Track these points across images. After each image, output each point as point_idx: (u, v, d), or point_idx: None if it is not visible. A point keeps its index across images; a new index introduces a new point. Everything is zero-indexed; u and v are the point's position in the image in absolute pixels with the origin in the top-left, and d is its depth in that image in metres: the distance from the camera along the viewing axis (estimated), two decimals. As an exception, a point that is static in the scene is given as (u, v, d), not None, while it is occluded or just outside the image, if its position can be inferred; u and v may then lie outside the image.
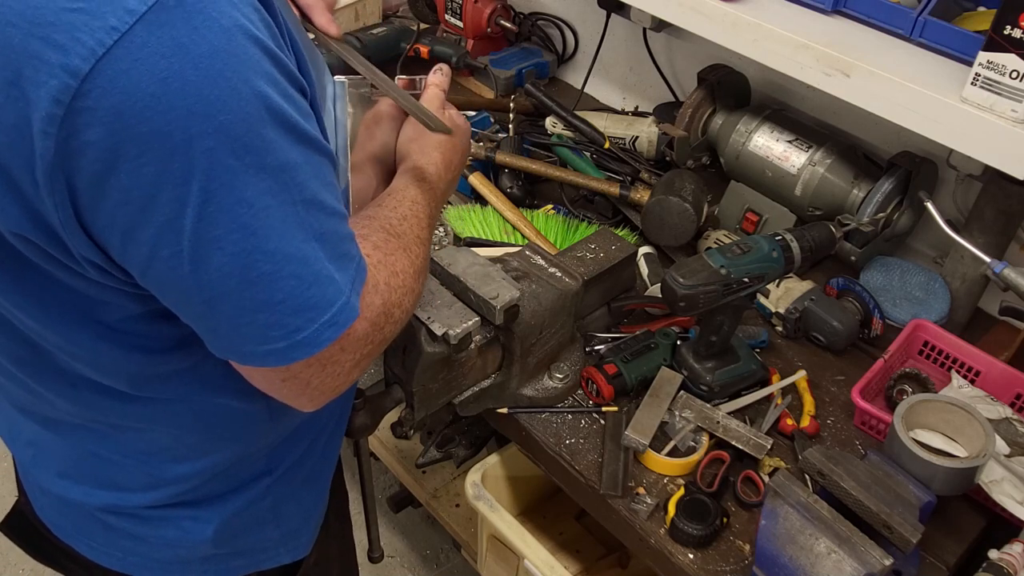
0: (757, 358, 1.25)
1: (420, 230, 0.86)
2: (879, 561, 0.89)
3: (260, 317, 0.64)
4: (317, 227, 0.66)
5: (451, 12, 1.92)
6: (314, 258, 0.65)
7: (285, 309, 0.65)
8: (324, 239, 0.66)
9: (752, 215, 1.48)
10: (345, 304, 0.68)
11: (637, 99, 1.85)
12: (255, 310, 0.64)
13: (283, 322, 0.65)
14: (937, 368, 1.27)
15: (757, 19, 1.19)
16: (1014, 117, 0.99)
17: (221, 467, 0.86)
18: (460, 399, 1.16)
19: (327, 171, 0.68)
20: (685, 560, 1.05)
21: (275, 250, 0.63)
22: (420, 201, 0.88)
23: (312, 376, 0.71)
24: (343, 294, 0.68)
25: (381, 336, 0.76)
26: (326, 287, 0.66)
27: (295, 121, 0.62)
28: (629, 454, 1.15)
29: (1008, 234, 1.27)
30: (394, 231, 0.82)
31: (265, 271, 0.63)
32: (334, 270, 0.67)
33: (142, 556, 0.91)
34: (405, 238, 0.82)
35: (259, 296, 0.63)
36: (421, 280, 0.83)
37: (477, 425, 1.76)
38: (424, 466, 1.79)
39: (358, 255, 0.72)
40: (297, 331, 0.66)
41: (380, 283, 0.75)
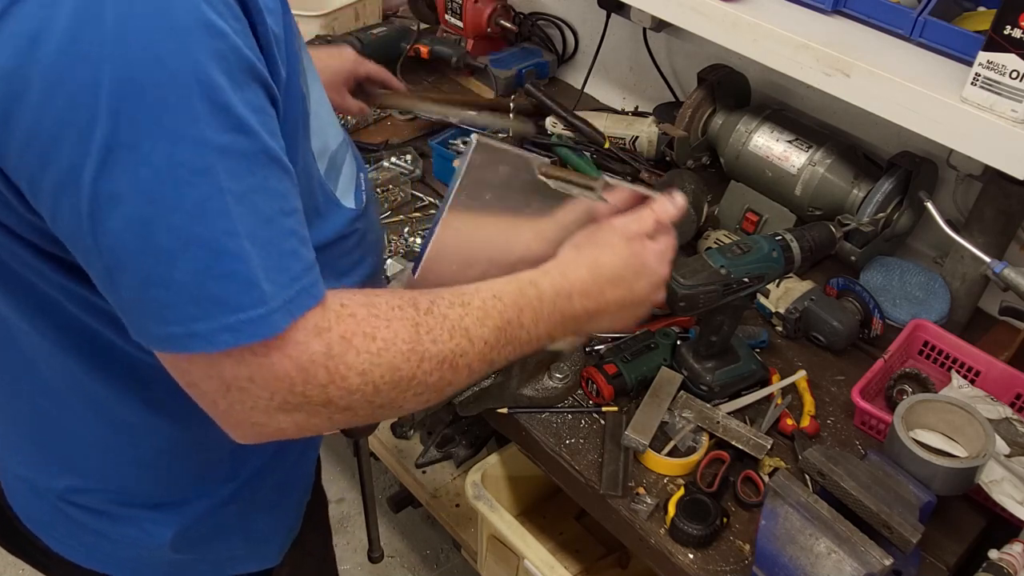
0: (757, 358, 1.25)
1: (479, 326, 0.72)
2: (879, 561, 0.89)
3: (158, 294, 0.60)
4: (250, 226, 0.60)
5: (451, 12, 1.92)
6: (232, 253, 0.60)
7: (185, 293, 0.60)
8: (258, 242, 0.61)
9: (752, 215, 1.48)
10: (261, 318, 0.61)
11: (637, 99, 1.85)
12: (153, 284, 0.60)
13: (181, 306, 0.60)
14: (937, 368, 1.27)
15: (757, 19, 1.19)
16: (1014, 117, 0.99)
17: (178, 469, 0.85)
18: (460, 399, 1.16)
19: (280, 184, 0.63)
20: (685, 560, 1.05)
21: (182, 227, 0.58)
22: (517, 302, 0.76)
23: (216, 394, 0.64)
24: (263, 304, 0.61)
25: (318, 392, 0.65)
26: (240, 290, 0.61)
27: (239, 113, 0.59)
28: (629, 454, 1.15)
29: (1008, 234, 1.27)
30: (425, 307, 0.71)
31: (166, 245, 0.58)
32: (263, 279, 0.61)
33: (106, 553, 0.90)
34: (436, 318, 0.70)
35: (157, 270, 0.59)
36: (428, 368, 0.69)
37: (477, 425, 1.76)
38: (424, 466, 1.79)
39: (308, 282, 0.64)
40: (194, 320, 0.61)
41: (335, 333, 0.65)
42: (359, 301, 0.68)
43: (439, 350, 0.69)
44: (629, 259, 0.83)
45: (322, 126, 0.84)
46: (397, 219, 1.51)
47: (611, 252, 0.83)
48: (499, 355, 0.75)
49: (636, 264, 0.84)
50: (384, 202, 1.53)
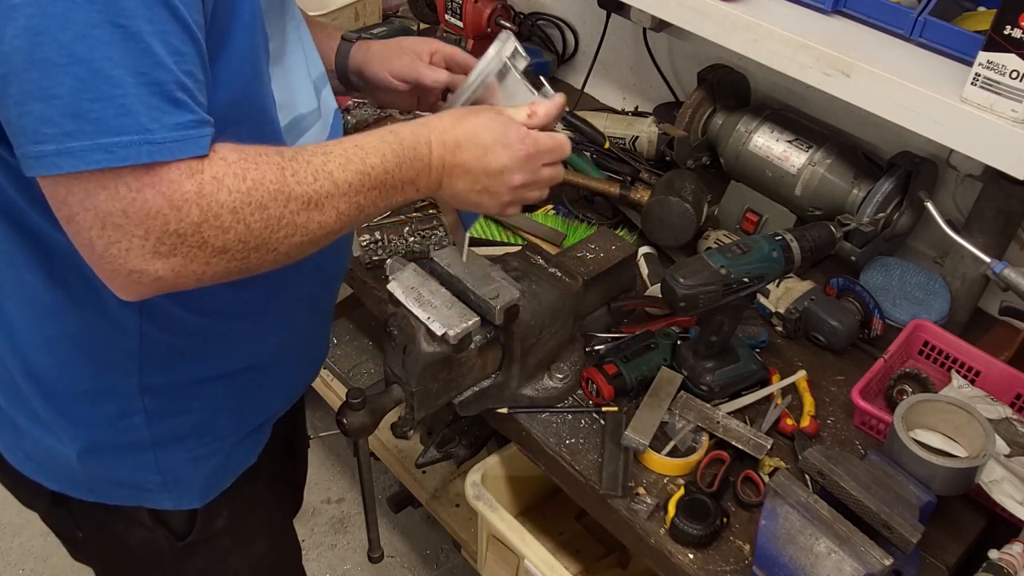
0: (757, 358, 1.25)
1: (342, 170, 0.76)
2: (879, 561, 0.89)
3: (37, 107, 0.62)
4: (137, 63, 0.63)
5: (451, 12, 1.92)
6: (114, 80, 0.63)
7: (62, 107, 0.62)
8: (143, 80, 0.64)
9: (752, 215, 1.48)
10: (135, 143, 0.64)
11: (637, 99, 1.85)
12: (34, 96, 0.62)
13: (57, 120, 0.62)
14: (937, 368, 1.27)
15: (757, 19, 1.19)
16: (1014, 117, 0.99)
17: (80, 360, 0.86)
18: (460, 399, 1.16)
19: (182, 44, 0.66)
20: (685, 560, 1.05)
21: (69, 43, 0.61)
22: (377, 148, 0.80)
23: (92, 230, 0.66)
24: (138, 133, 0.64)
25: (192, 231, 0.67)
26: (118, 114, 0.63)
27: None
28: (629, 454, 1.15)
29: (1008, 234, 1.27)
30: (290, 153, 0.75)
31: (50, 57, 0.61)
32: (141, 110, 0.64)
33: (38, 462, 0.93)
34: (300, 163, 0.74)
35: (39, 82, 0.62)
36: (295, 208, 0.72)
37: (477, 425, 1.75)
38: (424, 466, 1.78)
39: (197, 135, 0.67)
40: (69, 136, 0.63)
41: (207, 174, 0.68)
42: (230, 147, 0.70)
43: (304, 191, 0.73)
44: (491, 125, 0.86)
45: (290, 84, 0.87)
46: (397, 219, 1.51)
47: (476, 114, 0.88)
48: (367, 199, 0.78)
49: (497, 131, 0.86)
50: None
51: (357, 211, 0.78)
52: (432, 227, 1.46)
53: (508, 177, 0.87)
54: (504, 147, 0.86)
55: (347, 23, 1.96)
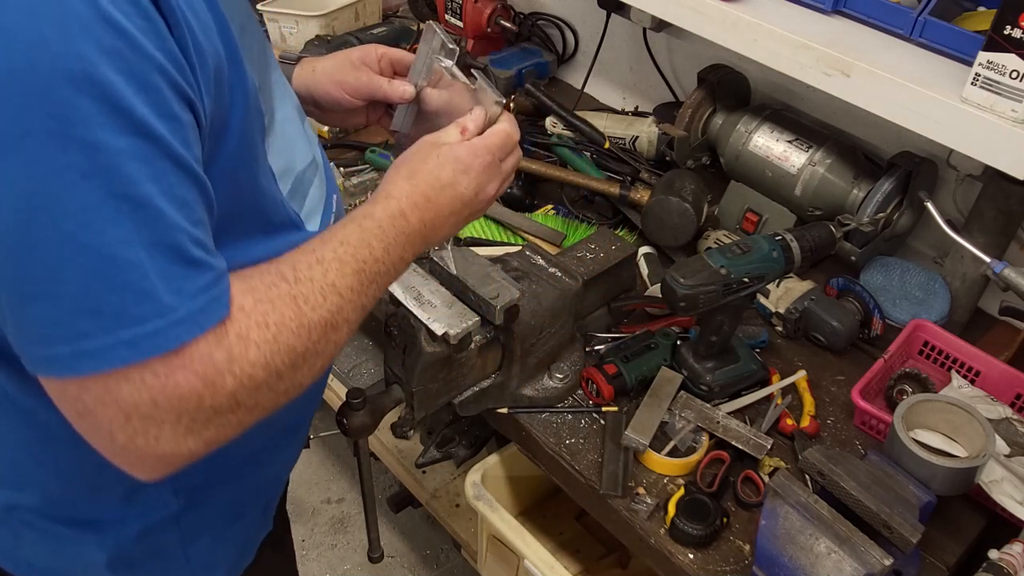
0: (757, 358, 1.25)
1: (342, 276, 0.72)
2: (879, 561, 0.89)
3: (41, 308, 0.56)
4: (149, 234, 0.57)
5: (451, 12, 1.92)
6: (129, 263, 0.56)
7: (72, 306, 0.55)
8: (158, 251, 0.57)
9: (752, 215, 1.48)
10: (161, 330, 0.57)
11: (637, 99, 1.85)
12: (35, 297, 0.56)
13: (68, 320, 0.56)
14: (937, 368, 1.27)
15: (757, 19, 1.19)
16: (1014, 117, 0.99)
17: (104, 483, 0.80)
18: (460, 399, 1.16)
19: (187, 192, 0.60)
20: (685, 560, 1.05)
21: (72, 232, 0.54)
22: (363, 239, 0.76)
23: (115, 424, 0.59)
24: (162, 316, 0.57)
25: (227, 400, 0.62)
26: (138, 300, 0.56)
27: (140, 115, 0.55)
28: (629, 454, 1.15)
29: (1008, 234, 1.27)
30: (292, 276, 0.69)
31: (50, 255, 0.54)
32: (163, 290, 0.57)
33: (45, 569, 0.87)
34: (305, 284, 0.69)
35: (41, 280, 0.55)
36: (317, 337, 0.69)
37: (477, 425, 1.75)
38: (424, 466, 1.78)
39: (217, 292, 0.61)
40: (85, 336, 0.56)
41: (232, 334, 0.62)
42: (240, 289, 0.65)
43: (320, 316, 0.69)
44: (442, 161, 0.84)
45: (287, 144, 0.83)
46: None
47: (422, 160, 0.85)
48: (367, 296, 0.76)
49: (450, 163, 0.85)
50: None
51: (362, 312, 0.76)
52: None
53: (483, 194, 0.87)
54: (464, 172, 0.85)
55: (347, 23, 1.96)
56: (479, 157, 0.86)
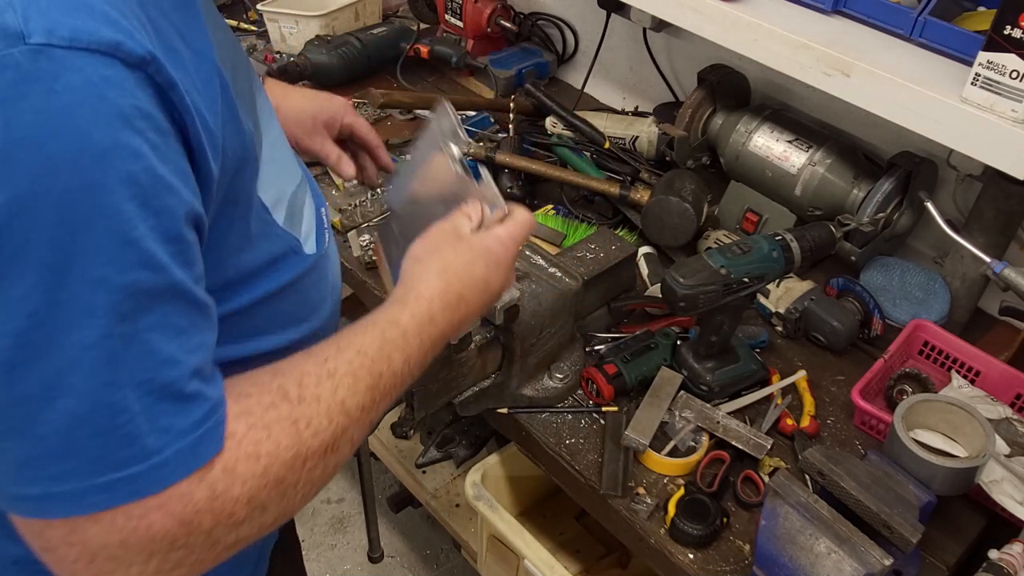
0: (757, 358, 1.25)
1: (353, 394, 0.66)
2: (879, 561, 0.89)
3: (15, 445, 0.52)
4: (139, 372, 0.53)
5: (451, 12, 1.92)
6: (116, 406, 0.52)
7: (48, 448, 0.51)
8: (145, 390, 0.53)
9: (752, 215, 1.48)
10: (141, 475, 0.53)
11: (637, 99, 1.85)
12: (10, 433, 0.52)
13: (42, 462, 0.52)
14: (937, 368, 1.27)
15: (757, 19, 1.19)
16: (1014, 117, 0.99)
17: None
18: (460, 399, 1.16)
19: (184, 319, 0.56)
20: (685, 560, 1.05)
21: (56, 373, 0.51)
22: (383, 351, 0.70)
23: (79, 563, 0.55)
24: (145, 460, 0.53)
25: (202, 540, 0.57)
26: (120, 444, 0.52)
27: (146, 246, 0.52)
28: (629, 454, 1.15)
29: (1008, 234, 1.27)
30: (296, 395, 0.63)
31: (31, 393, 0.51)
32: (147, 431, 0.53)
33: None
34: (310, 405, 0.63)
35: (17, 418, 0.51)
36: (312, 465, 0.62)
37: (477, 425, 1.76)
38: (424, 466, 1.79)
39: (210, 426, 0.56)
40: (56, 480, 0.52)
41: (217, 468, 0.57)
42: (235, 412, 0.59)
43: (320, 441, 0.63)
44: (476, 255, 0.80)
45: (278, 172, 0.80)
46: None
47: (453, 252, 0.80)
48: (378, 412, 0.70)
49: (483, 256, 0.80)
50: (384, 202, 1.53)
51: (369, 427, 0.70)
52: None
53: (502, 288, 0.84)
54: (496, 267, 0.81)
55: (347, 23, 1.96)
56: (508, 250, 0.82)
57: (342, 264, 1.43)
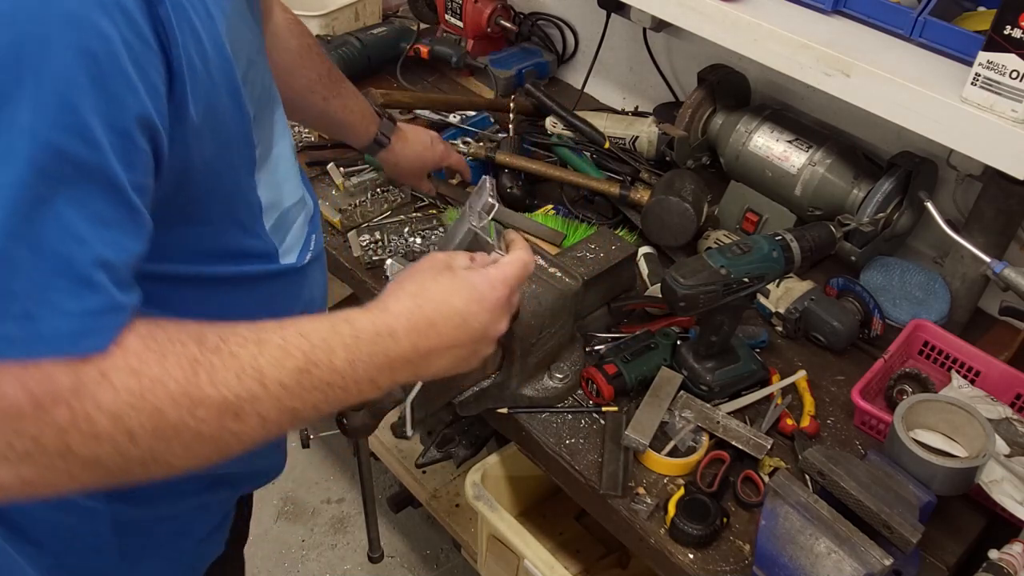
0: (757, 358, 1.25)
1: (276, 367, 0.62)
2: (879, 561, 0.89)
3: None
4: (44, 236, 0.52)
5: (451, 12, 1.92)
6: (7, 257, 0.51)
7: None
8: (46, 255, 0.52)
9: (752, 215, 1.48)
10: (8, 336, 0.52)
11: (637, 99, 1.85)
12: None
13: None
14: (937, 368, 1.27)
15: (757, 19, 1.19)
16: (1014, 117, 0.99)
17: None
18: (460, 399, 1.16)
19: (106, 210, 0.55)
20: (685, 560, 1.05)
21: None
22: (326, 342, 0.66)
23: None
24: (14, 321, 0.52)
25: (54, 437, 0.54)
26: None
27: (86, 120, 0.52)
28: (629, 454, 1.15)
29: (1008, 234, 1.27)
30: (213, 344, 0.61)
31: None
32: (30, 293, 0.52)
33: None
34: (223, 357, 0.60)
35: None
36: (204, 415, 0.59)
37: (477, 425, 1.75)
38: (424, 466, 1.78)
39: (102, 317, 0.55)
40: None
41: (92, 366, 0.55)
42: (140, 332, 0.58)
43: (220, 395, 0.59)
44: (458, 286, 0.76)
45: (278, 181, 0.80)
46: (397, 219, 1.51)
47: (433, 279, 0.76)
48: (303, 403, 0.65)
49: (466, 290, 0.76)
50: (384, 202, 1.53)
51: (291, 418, 0.65)
52: (432, 227, 1.46)
53: (492, 330, 0.78)
54: (479, 303, 0.76)
55: (347, 23, 1.96)
56: (496, 290, 0.78)
57: (342, 264, 1.43)
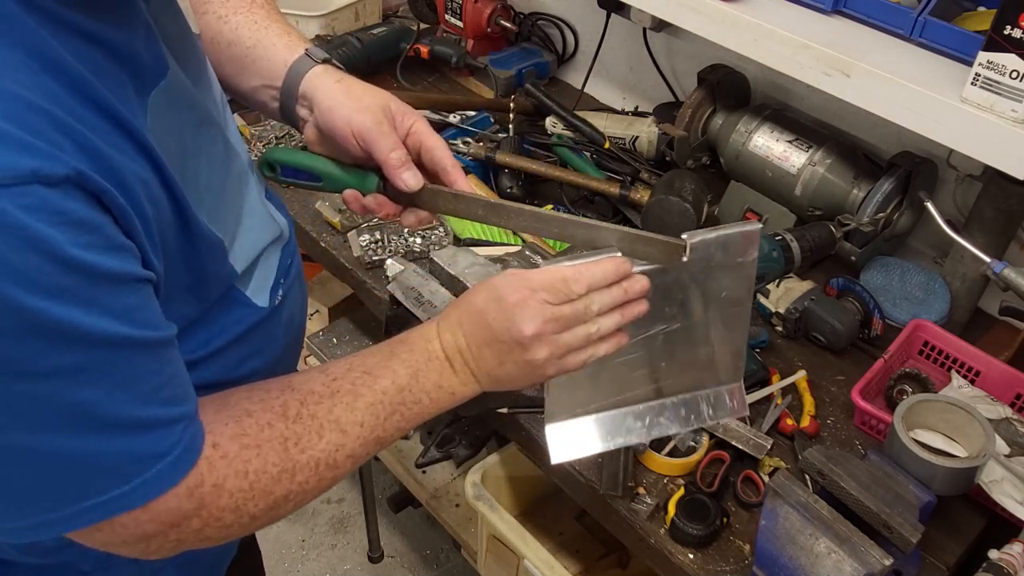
0: (757, 358, 1.25)
1: (350, 411, 0.71)
2: (879, 561, 0.89)
3: (15, 496, 0.59)
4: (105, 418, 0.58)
5: (451, 12, 1.92)
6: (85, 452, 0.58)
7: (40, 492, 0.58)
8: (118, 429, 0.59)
9: (752, 215, 1.48)
10: (125, 495, 0.60)
11: (637, 99, 1.85)
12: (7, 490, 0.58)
13: (38, 502, 0.59)
14: (937, 368, 1.27)
15: (757, 19, 1.19)
16: (1014, 117, 0.99)
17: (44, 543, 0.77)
18: (460, 399, 1.15)
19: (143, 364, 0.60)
20: (685, 560, 1.05)
21: (28, 447, 0.56)
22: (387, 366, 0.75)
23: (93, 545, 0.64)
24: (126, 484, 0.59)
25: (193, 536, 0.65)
26: (98, 476, 0.59)
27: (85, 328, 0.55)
28: (629, 454, 1.14)
29: (1008, 234, 1.27)
30: (295, 413, 0.69)
31: (16, 461, 0.57)
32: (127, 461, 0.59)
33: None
34: (305, 422, 0.69)
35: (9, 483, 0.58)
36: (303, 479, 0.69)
37: (477, 425, 1.75)
38: (424, 466, 1.78)
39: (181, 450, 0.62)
40: (51, 509, 0.59)
41: (208, 485, 0.64)
42: (230, 433, 0.66)
43: (310, 457, 0.69)
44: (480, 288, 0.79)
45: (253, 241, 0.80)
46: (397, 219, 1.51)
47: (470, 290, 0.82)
48: (384, 430, 0.73)
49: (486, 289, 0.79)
50: None
51: (377, 445, 0.74)
52: (432, 227, 1.46)
53: (514, 330, 0.77)
54: (496, 302, 0.77)
55: (347, 23, 1.96)
56: (512, 290, 0.77)
57: (342, 264, 1.43)
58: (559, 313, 0.77)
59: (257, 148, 1.60)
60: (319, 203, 1.51)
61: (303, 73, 0.86)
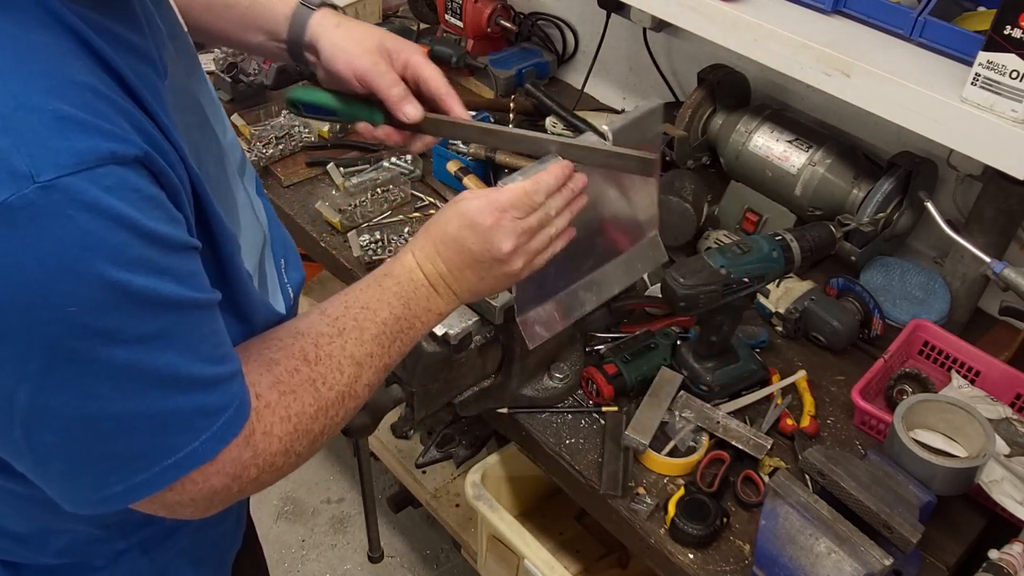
0: (757, 358, 1.25)
1: (360, 345, 0.78)
2: (879, 561, 0.89)
3: (100, 465, 0.63)
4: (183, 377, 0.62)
5: (451, 12, 1.92)
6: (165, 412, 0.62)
7: (126, 456, 0.63)
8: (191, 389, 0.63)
9: (752, 215, 1.48)
10: (198, 450, 0.65)
11: (637, 99, 1.85)
12: (94, 459, 0.62)
13: (122, 468, 0.63)
14: (937, 368, 1.27)
15: (757, 19, 1.19)
16: (1014, 117, 0.99)
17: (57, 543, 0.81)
18: (460, 399, 1.16)
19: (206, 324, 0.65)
20: (685, 560, 1.05)
21: (119, 412, 0.60)
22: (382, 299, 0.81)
23: (156, 512, 0.69)
24: (197, 439, 0.64)
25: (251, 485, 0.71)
26: (175, 434, 0.64)
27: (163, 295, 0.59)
28: (629, 454, 1.15)
29: (1008, 234, 1.27)
30: (314, 355, 0.75)
31: (106, 429, 0.61)
32: (197, 416, 0.64)
33: None
34: (324, 363, 0.75)
35: (97, 452, 0.62)
36: (334, 412, 0.76)
37: (477, 425, 1.76)
38: (424, 466, 1.79)
39: (237, 404, 0.67)
40: (135, 473, 0.63)
41: (259, 432, 0.69)
42: (266, 383, 0.71)
43: (337, 393, 0.75)
44: (451, 215, 0.85)
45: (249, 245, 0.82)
46: (397, 219, 1.51)
47: (439, 212, 0.87)
48: (390, 355, 0.81)
49: (456, 217, 0.85)
50: (384, 202, 1.53)
51: (384, 371, 0.81)
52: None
53: (494, 250, 0.85)
54: (470, 228, 0.84)
55: (347, 23, 1.96)
56: (485, 214, 0.84)
57: (342, 264, 1.44)
58: (528, 225, 0.86)
59: (257, 148, 1.60)
60: (319, 203, 1.51)
61: (304, 23, 0.94)
